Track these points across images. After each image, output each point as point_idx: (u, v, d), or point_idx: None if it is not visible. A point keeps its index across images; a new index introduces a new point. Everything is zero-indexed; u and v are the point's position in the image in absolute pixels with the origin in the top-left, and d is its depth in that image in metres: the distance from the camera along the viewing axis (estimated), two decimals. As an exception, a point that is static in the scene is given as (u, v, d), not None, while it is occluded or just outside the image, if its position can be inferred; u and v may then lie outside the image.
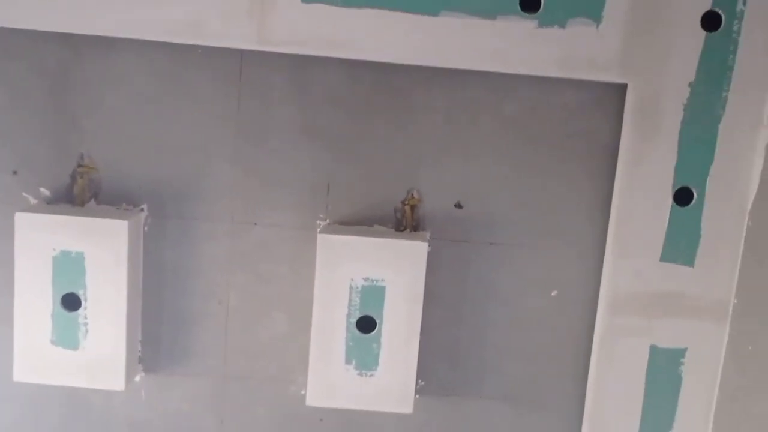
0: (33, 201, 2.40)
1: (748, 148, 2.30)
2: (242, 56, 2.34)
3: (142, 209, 2.42)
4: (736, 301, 2.36)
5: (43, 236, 2.26)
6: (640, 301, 2.39)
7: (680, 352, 2.42)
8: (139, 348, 2.49)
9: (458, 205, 2.45)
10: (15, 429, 2.52)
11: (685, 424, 2.46)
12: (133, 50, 2.33)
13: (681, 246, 2.35)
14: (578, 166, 2.41)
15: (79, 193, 2.39)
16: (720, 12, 2.23)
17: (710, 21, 2.24)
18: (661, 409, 2.45)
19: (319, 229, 2.41)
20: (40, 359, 2.31)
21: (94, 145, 2.39)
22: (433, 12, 2.23)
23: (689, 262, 2.37)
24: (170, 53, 2.33)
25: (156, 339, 2.50)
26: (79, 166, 2.39)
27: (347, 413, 2.54)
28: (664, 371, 2.43)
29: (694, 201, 2.33)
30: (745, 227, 2.33)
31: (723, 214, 2.34)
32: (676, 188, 2.33)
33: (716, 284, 2.37)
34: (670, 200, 2.33)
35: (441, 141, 2.40)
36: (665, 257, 2.36)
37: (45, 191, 2.40)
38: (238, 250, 2.45)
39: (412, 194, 2.43)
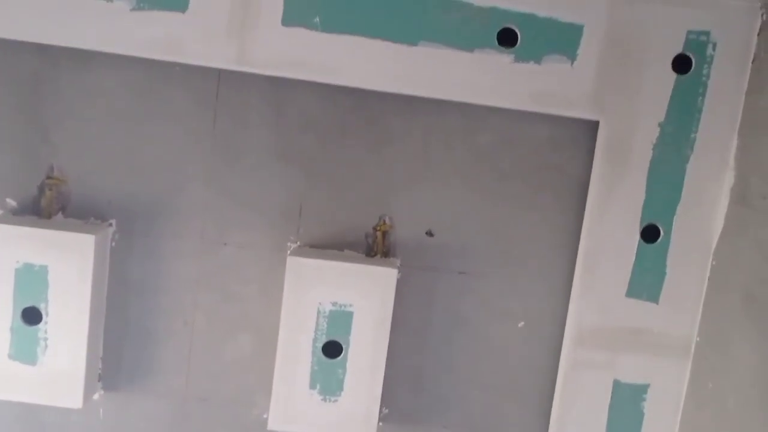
0: (-1, 212, 2.36)
1: (715, 188, 2.35)
2: (220, 76, 2.34)
3: (111, 224, 2.39)
4: (698, 339, 2.39)
5: (6, 248, 2.21)
6: (605, 336, 2.41)
7: (643, 388, 2.44)
8: (100, 365, 2.44)
9: (429, 233, 2.46)
10: (-35, 445, 2.46)
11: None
12: (110, 64, 2.31)
13: (646, 282, 2.39)
14: (549, 199, 2.44)
15: (46, 206, 2.36)
16: (690, 56, 2.29)
17: (681, 64, 2.30)
18: (622, 444, 2.47)
19: (289, 252, 2.40)
20: (-5, 373, 2.26)
21: (65, 158, 2.36)
22: (413, 41, 2.25)
23: (654, 298, 2.40)
24: (148, 69, 2.32)
25: (117, 356, 2.46)
26: (48, 178, 2.35)
27: (310, 439, 2.50)
28: (627, 406, 2.45)
29: (660, 238, 2.37)
30: (709, 266, 2.37)
31: (688, 252, 2.38)
32: (644, 225, 2.37)
33: (680, 321, 2.41)
34: (637, 236, 2.37)
35: (415, 168, 2.42)
36: (631, 293, 2.39)
37: (11, 202, 2.36)
38: (207, 269, 2.43)
39: (384, 220, 2.44)
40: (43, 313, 2.24)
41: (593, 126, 2.35)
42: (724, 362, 2.23)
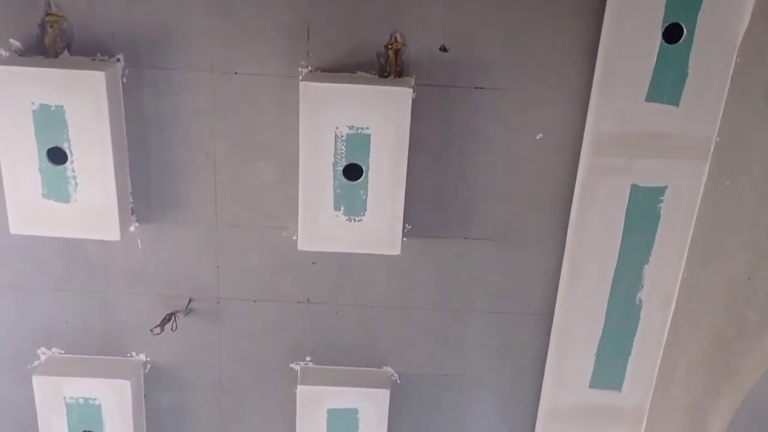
0: (4, 53, 2.32)
1: (744, -20, 2.21)
2: None
3: (118, 59, 2.35)
4: (718, 139, 2.38)
5: (20, 89, 2.21)
6: (624, 142, 2.41)
7: (660, 190, 2.48)
8: (131, 200, 2.53)
9: (443, 48, 2.38)
10: (18, 280, 2.63)
11: (661, 258, 2.57)
12: None
13: (667, 85, 2.33)
14: (566, 6, 2.32)
15: (50, 44, 2.31)
16: None
17: None
18: (638, 245, 2.56)
19: (301, 77, 2.36)
20: (33, 212, 2.36)
21: (61, -8, 2.28)
22: None
23: (675, 101, 2.36)
24: None
25: (146, 191, 2.54)
26: (47, 14, 2.29)
27: (338, 256, 2.63)
28: (644, 209, 2.51)
29: (683, 38, 2.28)
30: (733, 64, 2.30)
31: (712, 50, 2.29)
32: (666, 24, 2.26)
33: (700, 123, 2.38)
34: (659, 37, 2.27)
35: (424, -21, 2.30)
36: (651, 97, 2.35)
37: (15, 42, 2.32)
38: (221, 100, 2.42)
39: (396, 37, 2.36)
40: (68, 152, 2.29)
41: None
42: (743, 161, 2.24)
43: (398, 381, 2.82)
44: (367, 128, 2.32)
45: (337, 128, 2.31)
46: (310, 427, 2.74)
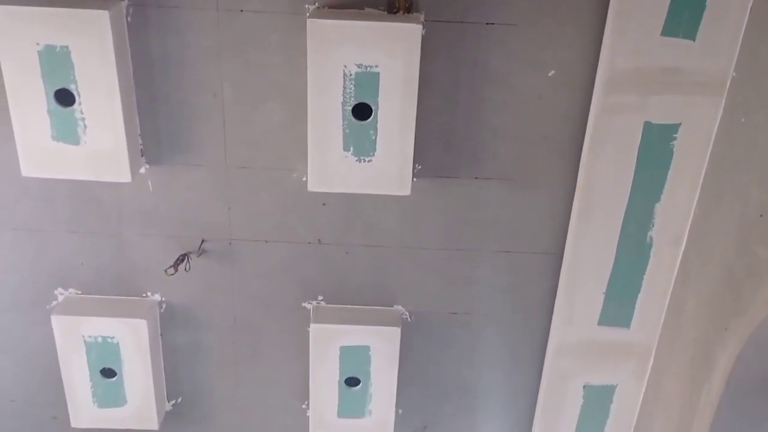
0: (8, -7, 2.29)
1: None
2: None
3: (122, -2, 2.32)
4: (734, 74, 2.33)
5: (24, 30, 2.19)
6: (638, 78, 2.36)
7: (673, 128, 2.44)
8: (140, 141, 2.53)
9: (453, -17, 2.32)
10: (33, 223, 2.66)
11: (673, 196, 2.55)
12: None
13: (684, 18, 2.27)
14: (581, -65, 2.25)
15: (54, -17, 2.27)
16: None
17: None
18: (650, 183, 2.54)
19: (308, 14, 2.31)
20: (43, 154, 2.36)
21: (61, -72, 2.22)
22: None
23: (691, 35, 2.30)
24: None
25: (155, 132, 2.53)
26: (49, -48, 2.24)
27: (349, 197, 2.64)
28: (656, 147, 2.48)
29: (702, -32, 2.21)
30: (752, -3, 2.23)
31: (731, -19, 2.22)
32: (684, -45, 2.19)
33: (716, 57, 2.32)
34: (676, -32, 2.20)
35: None
36: (666, 31, 2.29)
37: (18, -18, 2.28)
38: (227, 39, 2.38)
39: (404, -28, 2.30)
40: (75, 93, 2.28)
41: None
42: (760, 96, 2.19)
43: (409, 319, 2.86)
44: (376, 66, 2.28)
45: (345, 67, 2.28)
46: (323, 363, 2.80)
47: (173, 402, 3.02)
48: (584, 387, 2.92)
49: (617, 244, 2.63)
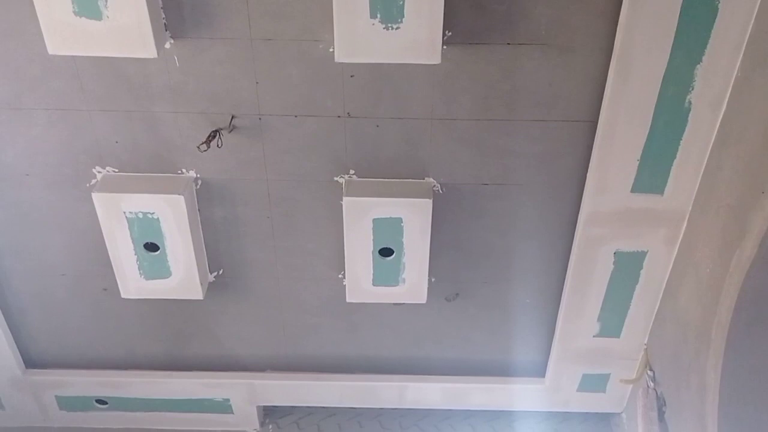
0: None
1: None
2: None
3: None
4: None
5: None
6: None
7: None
8: (163, 15, 2.47)
9: None
10: (64, 102, 2.67)
11: (715, 57, 2.43)
12: None
13: None
14: None
15: None
16: None
17: None
18: (691, 44, 2.41)
19: None
20: (67, 31, 2.33)
21: None
22: None
23: None
24: None
25: (177, 5, 2.47)
26: None
27: (377, 67, 2.58)
28: (700, 3, 2.33)
29: None
30: None
31: None
32: None
33: None
34: None
35: None
36: None
37: None
38: None
39: None
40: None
41: None
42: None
43: (441, 191, 2.88)
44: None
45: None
46: (357, 235, 2.86)
47: (215, 273, 3.16)
48: (615, 253, 2.95)
49: (654, 108, 2.55)
